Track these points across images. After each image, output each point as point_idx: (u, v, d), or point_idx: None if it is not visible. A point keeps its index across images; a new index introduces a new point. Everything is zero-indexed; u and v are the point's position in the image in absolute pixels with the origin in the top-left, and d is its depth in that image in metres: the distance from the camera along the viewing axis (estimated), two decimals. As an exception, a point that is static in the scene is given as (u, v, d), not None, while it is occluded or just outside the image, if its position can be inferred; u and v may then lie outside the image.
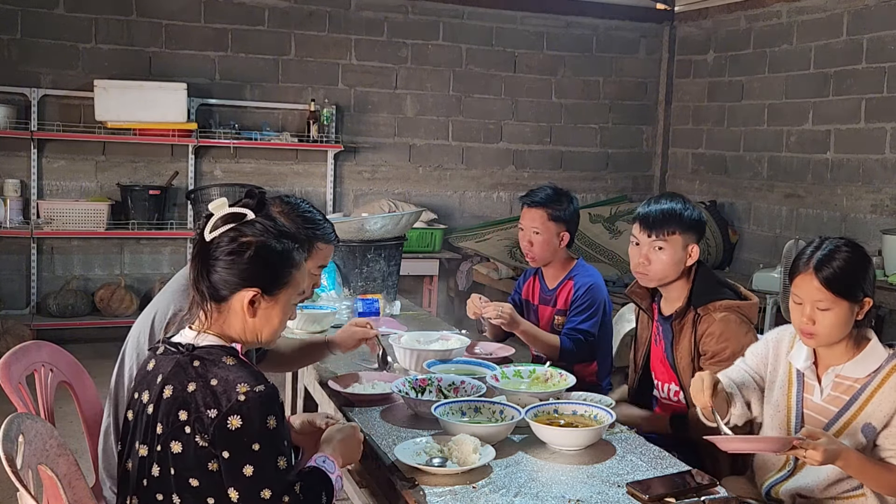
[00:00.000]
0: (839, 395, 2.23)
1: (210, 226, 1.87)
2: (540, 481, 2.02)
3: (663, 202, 2.75)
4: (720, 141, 7.13)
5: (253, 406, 1.72)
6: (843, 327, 2.18)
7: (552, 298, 3.27)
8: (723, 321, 2.61)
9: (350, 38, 6.75)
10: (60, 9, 6.06)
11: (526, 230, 3.26)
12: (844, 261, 2.16)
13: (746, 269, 6.52)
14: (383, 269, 4.07)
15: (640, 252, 2.72)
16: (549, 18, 7.26)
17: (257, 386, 1.74)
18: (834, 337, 2.19)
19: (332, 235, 2.66)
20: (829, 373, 2.25)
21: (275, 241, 1.89)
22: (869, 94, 5.77)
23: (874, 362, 2.20)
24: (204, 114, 6.36)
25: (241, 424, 1.71)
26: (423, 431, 2.28)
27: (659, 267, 2.71)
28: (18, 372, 2.36)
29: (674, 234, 2.70)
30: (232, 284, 1.86)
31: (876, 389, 2.18)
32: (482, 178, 7.27)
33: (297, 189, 6.67)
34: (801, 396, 2.30)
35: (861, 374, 2.21)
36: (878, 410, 2.16)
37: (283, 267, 1.90)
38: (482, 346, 3.23)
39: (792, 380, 2.33)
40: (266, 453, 1.72)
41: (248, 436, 1.71)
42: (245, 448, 1.71)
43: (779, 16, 6.52)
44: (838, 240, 2.23)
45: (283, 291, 1.91)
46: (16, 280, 6.16)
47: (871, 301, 2.19)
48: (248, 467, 1.71)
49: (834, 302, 2.15)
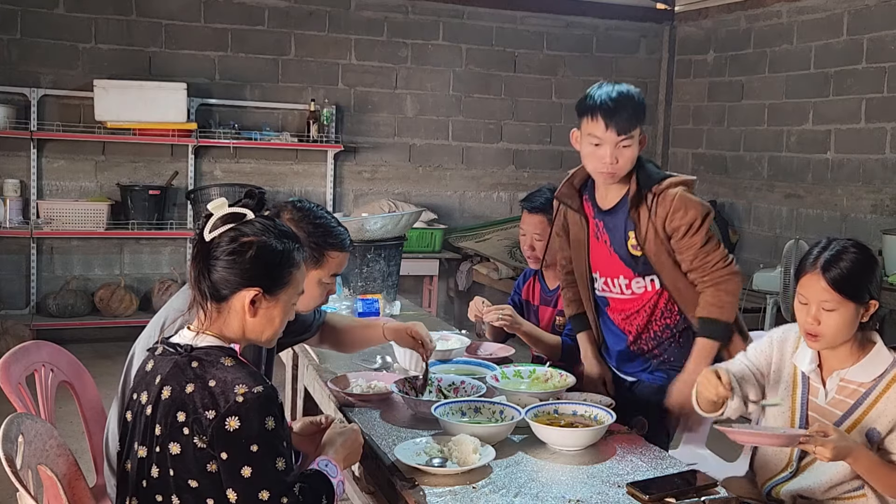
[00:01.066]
0: (844, 399, 2.22)
1: (210, 226, 1.87)
2: (540, 481, 2.02)
3: (617, 86, 2.57)
4: (720, 141, 7.13)
5: (251, 407, 1.71)
6: (848, 329, 2.17)
7: (553, 299, 3.26)
8: (680, 197, 2.53)
9: (350, 38, 6.75)
10: (60, 9, 6.06)
11: (528, 235, 3.25)
12: (852, 262, 2.14)
13: (746, 269, 6.49)
14: (383, 269, 4.07)
15: (608, 153, 2.52)
16: (549, 18, 7.26)
17: (255, 387, 1.74)
18: (838, 339, 2.18)
19: (347, 242, 2.49)
20: (833, 376, 2.24)
21: (275, 240, 1.88)
22: (869, 94, 5.77)
23: (879, 366, 2.19)
24: (204, 114, 6.36)
25: (239, 426, 1.70)
26: (423, 432, 2.28)
27: (626, 164, 2.55)
28: (18, 372, 2.36)
29: (636, 129, 2.53)
30: (233, 284, 1.85)
31: (881, 394, 2.17)
32: (482, 178, 7.27)
33: (296, 189, 6.67)
34: (806, 398, 2.29)
35: (866, 379, 2.19)
36: (883, 415, 2.15)
37: (284, 266, 1.90)
38: (482, 346, 3.23)
39: (797, 381, 2.32)
40: (264, 454, 1.72)
41: (247, 437, 1.71)
42: (243, 449, 1.71)
43: (779, 16, 6.52)
44: (846, 240, 2.21)
45: (284, 291, 1.91)
46: (15, 280, 6.16)
47: (876, 303, 2.18)
48: (246, 468, 1.70)
49: (840, 303, 2.13)
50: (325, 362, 2.99)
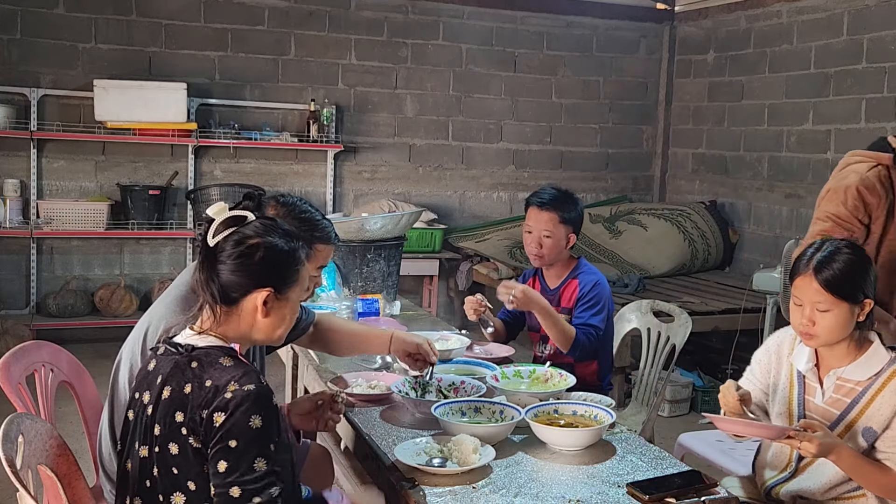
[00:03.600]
0: (841, 398, 2.22)
1: (212, 231, 1.87)
2: (540, 481, 2.02)
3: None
4: (720, 141, 7.13)
5: (238, 403, 1.71)
6: (843, 329, 2.17)
7: (555, 298, 3.25)
8: None
9: (350, 38, 6.74)
10: (60, 8, 6.06)
11: (535, 232, 3.19)
12: (844, 263, 2.15)
13: (747, 269, 6.52)
14: (383, 269, 4.07)
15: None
16: (549, 18, 7.26)
17: (247, 385, 1.73)
18: (834, 338, 2.19)
19: (332, 235, 2.56)
20: (830, 375, 2.24)
21: (281, 240, 1.89)
22: (869, 94, 5.77)
23: (876, 365, 2.19)
24: (204, 114, 6.36)
25: (223, 420, 1.70)
26: (423, 432, 2.28)
27: None
28: (18, 372, 2.36)
29: None
30: (244, 287, 1.86)
31: (877, 393, 2.17)
32: (482, 178, 7.27)
33: (296, 189, 6.67)
34: (803, 398, 2.30)
35: (862, 377, 2.20)
36: (879, 414, 2.16)
37: (291, 265, 1.91)
38: (482, 346, 3.22)
39: (793, 381, 2.33)
40: (242, 452, 1.70)
41: (228, 431, 1.70)
42: (223, 443, 1.70)
43: (779, 16, 6.52)
44: (839, 241, 2.22)
45: (293, 289, 1.93)
46: (15, 280, 6.15)
47: (871, 302, 2.18)
48: (222, 463, 1.70)
49: (834, 304, 2.14)
50: (325, 362, 2.99)
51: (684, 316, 3.56)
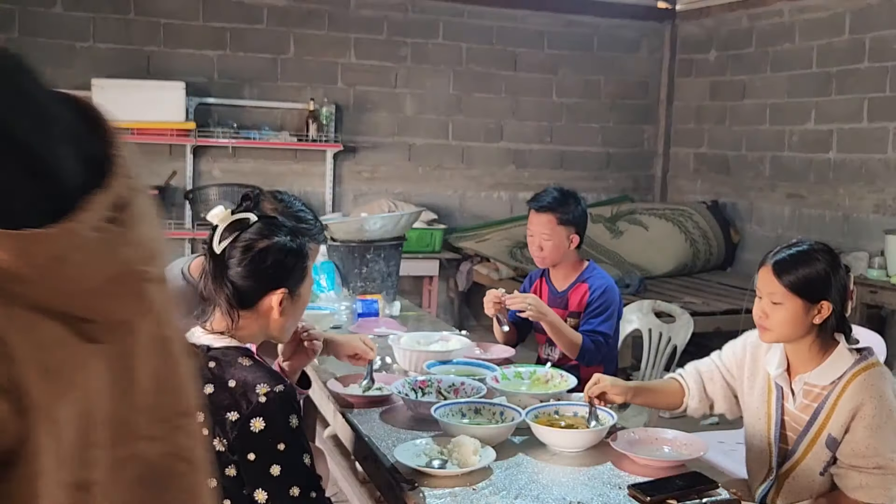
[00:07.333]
0: (809, 403, 2.21)
1: (217, 237, 1.86)
2: (540, 483, 2.00)
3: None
4: (722, 140, 7.11)
5: (275, 407, 1.73)
6: (795, 326, 2.15)
7: (563, 300, 3.23)
8: None
9: (349, 37, 6.72)
10: (58, 7, 6.04)
11: (535, 236, 3.19)
12: (804, 259, 2.14)
13: (748, 269, 6.49)
14: (383, 269, 4.04)
15: None
16: (549, 17, 7.23)
17: (277, 386, 1.76)
18: (786, 334, 2.17)
19: (322, 235, 2.64)
20: (797, 380, 2.23)
21: (288, 239, 1.91)
22: (871, 94, 5.75)
23: (839, 369, 2.16)
24: (202, 113, 6.34)
25: (264, 426, 1.72)
26: (423, 433, 2.26)
27: None
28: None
29: None
30: (260, 290, 1.89)
31: (838, 398, 2.14)
32: (482, 178, 7.24)
33: (296, 189, 6.64)
34: (781, 404, 2.29)
35: (826, 382, 2.17)
36: (837, 422, 2.13)
37: (300, 262, 1.94)
38: (482, 347, 3.20)
39: (771, 387, 2.32)
40: (292, 451, 1.74)
41: (273, 436, 1.73)
42: (271, 449, 1.73)
43: (781, 14, 6.50)
44: (812, 242, 2.21)
45: (303, 286, 1.97)
46: (14, 280, 6.13)
47: (830, 306, 2.13)
48: (275, 467, 1.72)
49: (785, 297, 2.13)
50: (325, 363, 2.96)
51: (686, 316, 3.54)
